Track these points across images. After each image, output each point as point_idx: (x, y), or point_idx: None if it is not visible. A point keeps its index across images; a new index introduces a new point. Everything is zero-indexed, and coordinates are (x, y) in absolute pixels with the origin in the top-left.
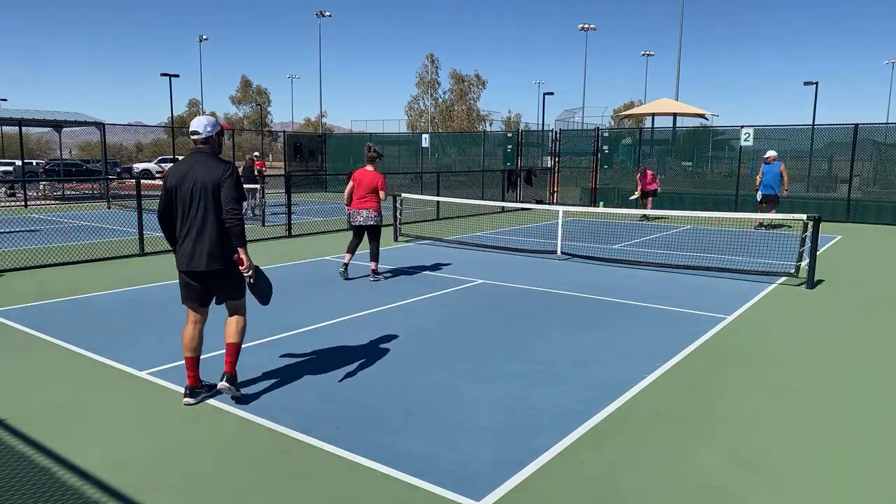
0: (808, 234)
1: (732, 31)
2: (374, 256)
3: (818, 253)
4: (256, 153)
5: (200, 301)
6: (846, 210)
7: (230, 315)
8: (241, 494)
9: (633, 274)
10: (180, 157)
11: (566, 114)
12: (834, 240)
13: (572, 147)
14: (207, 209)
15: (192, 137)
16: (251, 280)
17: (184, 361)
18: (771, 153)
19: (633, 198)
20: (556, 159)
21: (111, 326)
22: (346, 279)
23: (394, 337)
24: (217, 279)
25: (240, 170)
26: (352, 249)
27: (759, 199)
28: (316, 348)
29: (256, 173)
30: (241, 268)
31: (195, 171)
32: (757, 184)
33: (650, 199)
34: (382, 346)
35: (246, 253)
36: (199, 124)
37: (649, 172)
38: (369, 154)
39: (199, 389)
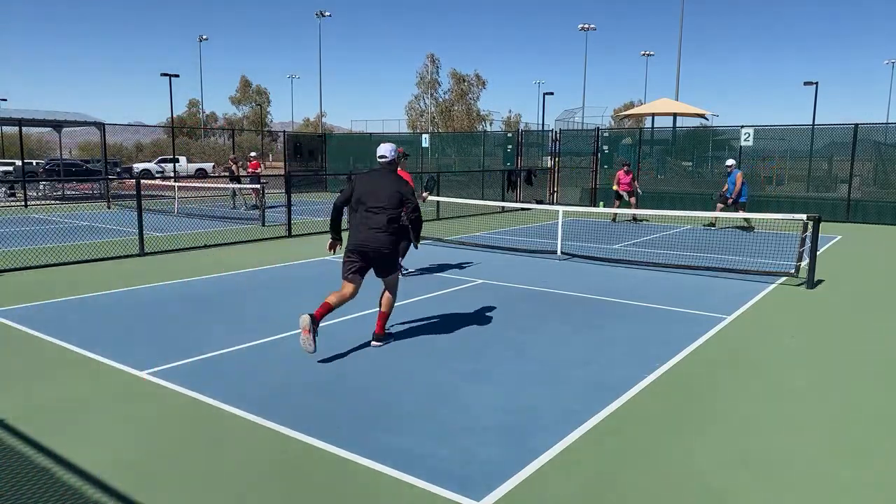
0: (808, 234)
1: (732, 31)
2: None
3: (818, 253)
4: (253, 153)
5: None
6: (846, 210)
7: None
8: (240, 494)
9: (633, 274)
10: (181, 158)
11: (566, 114)
12: (834, 240)
13: (572, 147)
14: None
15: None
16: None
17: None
18: (730, 161)
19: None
20: (556, 159)
21: (111, 326)
22: None
23: (394, 337)
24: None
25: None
26: None
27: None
28: (316, 348)
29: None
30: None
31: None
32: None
33: (633, 198)
34: (383, 345)
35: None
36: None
37: (631, 173)
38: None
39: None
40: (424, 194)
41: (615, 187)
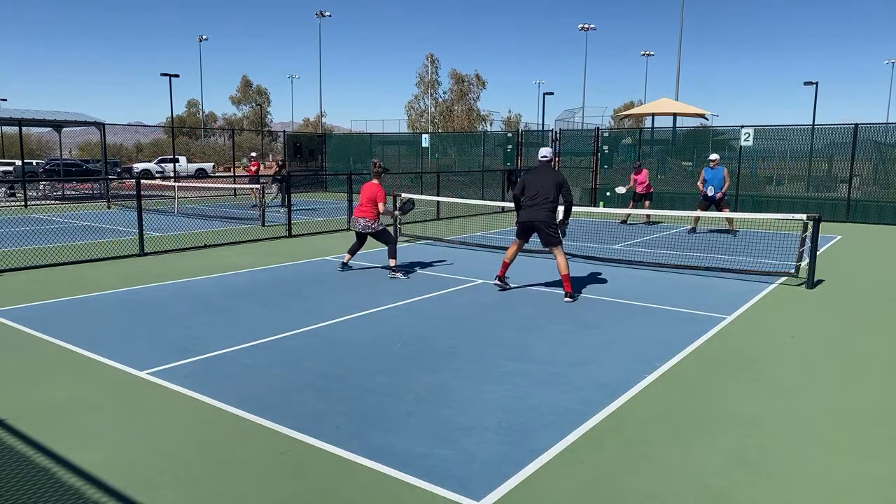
0: (809, 233)
1: (732, 31)
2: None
3: (818, 253)
4: (253, 154)
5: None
6: (846, 210)
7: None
8: (241, 494)
9: (633, 274)
10: (181, 158)
11: (566, 114)
12: (834, 240)
13: (572, 147)
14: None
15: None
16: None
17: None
18: (714, 156)
19: (620, 190)
20: (556, 159)
21: (111, 326)
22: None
23: (394, 337)
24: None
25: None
26: (352, 251)
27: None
28: (316, 348)
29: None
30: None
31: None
32: (701, 188)
33: (647, 201)
34: (382, 346)
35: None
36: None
37: (644, 171)
38: (375, 169)
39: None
40: (396, 213)
41: (632, 187)
